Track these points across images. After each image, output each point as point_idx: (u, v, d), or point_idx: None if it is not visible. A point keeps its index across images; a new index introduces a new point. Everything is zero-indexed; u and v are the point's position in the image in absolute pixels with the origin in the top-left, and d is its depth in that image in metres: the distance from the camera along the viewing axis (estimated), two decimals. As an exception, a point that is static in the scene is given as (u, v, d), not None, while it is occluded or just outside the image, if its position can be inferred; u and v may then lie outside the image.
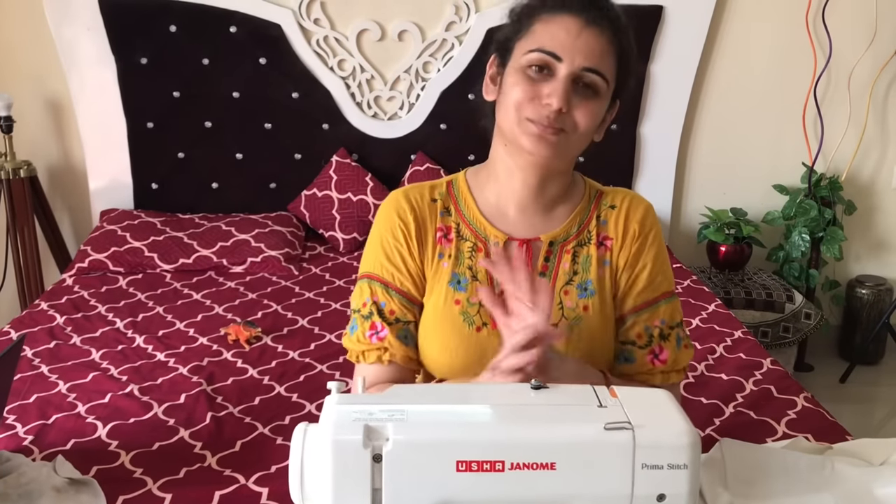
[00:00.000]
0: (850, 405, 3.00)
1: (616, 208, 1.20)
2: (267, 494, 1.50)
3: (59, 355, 2.08)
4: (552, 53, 1.07)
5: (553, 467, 0.72)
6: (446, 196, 1.21)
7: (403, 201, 1.19)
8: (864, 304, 3.27)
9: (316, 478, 0.72)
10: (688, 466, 0.73)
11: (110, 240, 2.73)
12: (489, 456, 0.71)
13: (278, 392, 1.93)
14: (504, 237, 1.17)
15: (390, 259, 1.18)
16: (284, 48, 2.94)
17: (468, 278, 1.16)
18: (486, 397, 0.85)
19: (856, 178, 3.29)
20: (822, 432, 1.72)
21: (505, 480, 0.71)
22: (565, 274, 1.17)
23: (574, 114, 1.08)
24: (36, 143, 3.02)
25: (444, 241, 1.18)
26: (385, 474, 0.71)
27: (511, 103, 1.09)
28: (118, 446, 1.67)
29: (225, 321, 2.29)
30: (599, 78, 1.08)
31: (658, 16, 2.96)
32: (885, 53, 3.08)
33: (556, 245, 1.18)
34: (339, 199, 2.95)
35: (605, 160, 3.04)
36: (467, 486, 0.71)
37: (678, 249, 3.18)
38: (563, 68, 1.07)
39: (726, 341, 2.20)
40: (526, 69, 1.09)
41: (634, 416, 0.74)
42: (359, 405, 0.74)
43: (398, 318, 1.17)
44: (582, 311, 1.15)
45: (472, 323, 1.15)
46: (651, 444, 0.72)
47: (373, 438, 0.71)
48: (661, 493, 0.73)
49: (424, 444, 0.72)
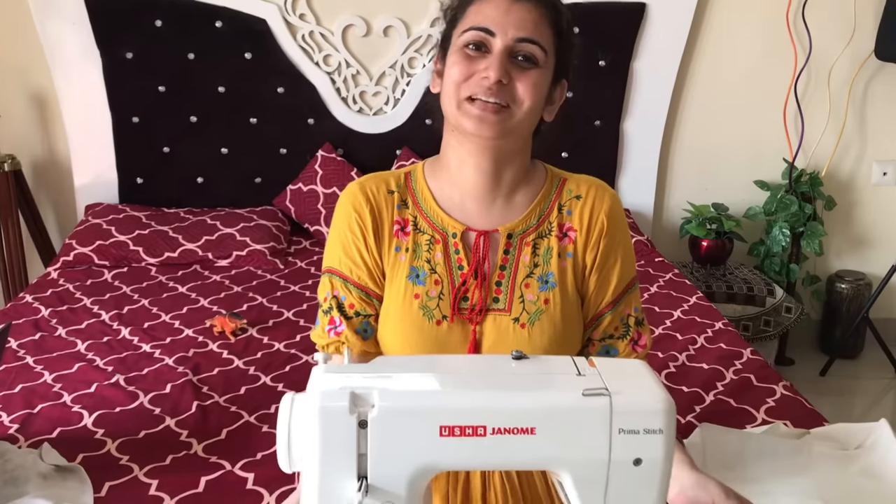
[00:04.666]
0: (830, 398, 3.04)
1: (581, 199, 1.19)
2: (253, 480, 1.52)
3: (44, 346, 2.09)
4: (485, 29, 1.08)
5: (533, 432, 0.73)
6: (404, 188, 1.20)
7: (360, 194, 1.18)
8: (844, 299, 3.31)
9: (303, 444, 0.74)
10: (663, 431, 0.74)
11: (95, 233, 2.73)
12: (471, 421, 0.72)
13: (264, 382, 1.94)
14: (462, 228, 1.17)
15: (347, 253, 1.18)
16: (270, 43, 2.95)
17: (427, 272, 1.15)
18: (469, 366, 0.87)
19: (836, 174, 3.34)
20: (800, 419, 1.75)
21: (486, 445, 0.73)
22: (525, 266, 1.16)
23: (516, 86, 1.08)
24: (20, 137, 3.02)
25: (400, 235, 1.17)
26: (370, 440, 0.73)
27: (451, 84, 1.10)
28: (104, 434, 1.68)
29: (210, 313, 2.30)
30: (535, 47, 1.09)
31: (641, 13, 2.99)
32: (863, 50, 3.12)
33: (514, 237, 1.17)
34: (324, 194, 2.96)
35: (588, 156, 3.09)
36: (450, 450, 0.73)
37: (660, 244, 3.22)
38: (498, 42, 1.08)
39: (707, 332, 2.23)
40: (463, 49, 1.10)
41: (611, 384, 0.76)
42: (345, 374, 0.76)
43: (357, 311, 1.18)
44: (543, 304, 1.15)
45: (431, 317, 1.14)
46: (627, 410, 0.74)
47: (358, 405, 0.73)
48: (638, 458, 0.75)
49: (408, 410, 0.73)
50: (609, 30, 2.97)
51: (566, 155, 3.05)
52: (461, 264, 1.16)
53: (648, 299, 2.47)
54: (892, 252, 3.27)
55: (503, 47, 1.08)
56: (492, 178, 1.16)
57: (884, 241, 3.41)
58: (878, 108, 3.27)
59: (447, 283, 1.15)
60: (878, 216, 3.41)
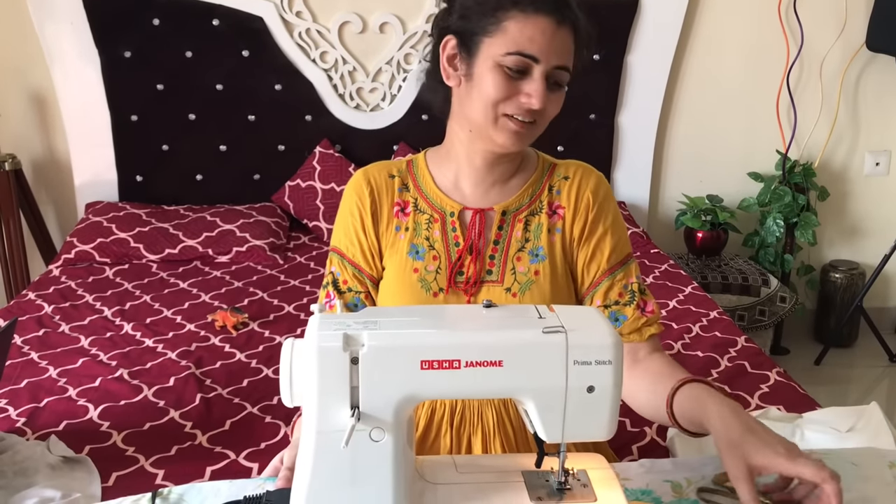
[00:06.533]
0: (825, 386, 3.08)
1: (569, 179, 1.26)
2: (257, 469, 1.55)
3: (48, 342, 2.11)
4: (532, 56, 1.12)
5: (501, 364, 0.84)
6: (405, 173, 1.28)
7: (362, 180, 1.27)
8: (838, 288, 3.35)
9: (303, 380, 0.84)
10: (612, 362, 0.85)
11: (96, 231, 2.75)
12: (448, 356, 0.84)
13: (266, 374, 1.97)
14: (459, 207, 1.25)
15: (346, 234, 1.27)
16: (267, 41, 2.97)
17: (426, 248, 1.24)
18: (445, 313, 1.01)
19: (828, 165, 3.37)
20: (793, 404, 1.79)
21: (461, 376, 0.84)
22: (517, 241, 1.24)
23: (546, 107, 1.15)
24: (20, 136, 3.04)
25: (400, 215, 1.26)
26: (361, 374, 0.83)
27: (487, 99, 1.14)
28: (110, 427, 1.71)
29: (212, 308, 2.33)
30: (567, 74, 1.16)
31: (634, 7, 3.02)
32: (854, 42, 3.15)
33: (508, 214, 1.25)
34: (322, 190, 2.99)
35: (583, 150, 3.11)
36: (430, 381, 0.84)
37: (656, 236, 3.25)
38: (539, 69, 1.13)
39: (702, 321, 2.27)
40: (503, 68, 1.13)
41: (567, 323, 0.86)
42: (338, 320, 0.86)
43: (350, 287, 1.26)
44: (533, 275, 1.22)
45: (429, 289, 1.22)
46: (581, 345, 0.85)
47: (350, 344, 0.83)
48: (591, 385, 0.86)
49: (394, 347, 0.84)
50: (603, 24, 2.96)
51: (562, 148, 3.08)
52: (458, 241, 1.24)
53: (644, 290, 2.50)
54: (884, 241, 3.30)
55: (543, 74, 1.13)
56: (495, 167, 1.24)
57: (876, 230, 3.44)
58: (869, 99, 3.30)
59: (444, 258, 1.23)
60: (871, 206, 3.44)
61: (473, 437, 1.23)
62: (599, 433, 0.89)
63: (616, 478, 0.94)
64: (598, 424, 0.88)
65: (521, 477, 0.93)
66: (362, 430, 0.83)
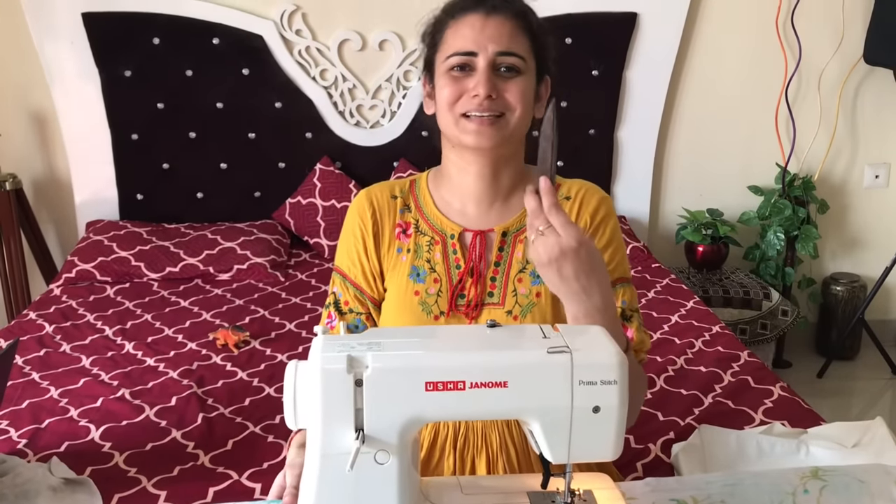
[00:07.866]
0: (828, 399, 3.07)
1: (571, 199, 1.26)
2: (260, 490, 1.54)
3: (49, 362, 2.11)
4: (466, 52, 1.16)
5: (506, 385, 0.84)
6: (407, 194, 1.30)
7: (365, 201, 1.28)
8: (840, 301, 3.34)
9: (307, 402, 0.83)
10: (617, 382, 0.85)
11: (97, 250, 2.75)
12: (452, 377, 0.83)
13: (268, 393, 1.96)
14: (459, 229, 1.25)
15: (349, 255, 1.27)
16: (267, 59, 2.98)
17: (427, 270, 1.24)
18: (449, 333, 1.00)
19: (828, 178, 3.37)
20: (798, 419, 1.78)
21: (466, 397, 0.83)
22: (518, 262, 1.24)
23: (505, 96, 1.17)
24: (21, 155, 3.05)
25: (402, 237, 1.26)
26: (365, 396, 0.83)
27: (444, 105, 1.19)
28: (111, 447, 1.70)
29: (213, 327, 2.33)
30: (515, 57, 1.17)
31: (632, 22, 3.03)
32: (852, 56, 3.16)
33: (509, 235, 1.25)
34: (323, 207, 2.99)
35: (583, 164, 3.12)
36: (434, 403, 0.84)
37: (657, 250, 3.25)
38: (480, 60, 1.16)
39: (705, 336, 2.26)
40: (449, 73, 1.18)
41: (572, 343, 0.86)
42: (342, 341, 0.86)
43: (351, 308, 1.27)
44: (535, 297, 1.22)
45: (430, 312, 1.22)
46: (586, 365, 0.85)
47: (355, 366, 0.83)
48: (596, 405, 0.85)
49: (398, 369, 0.83)
50: (601, 39, 3.01)
51: (561, 163, 3.08)
52: (458, 263, 1.24)
53: (646, 305, 2.50)
54: (885, 254, 3.30)
55: (486, 64, 1.16)
56: (491, 182, 1.24)
57: (877, 243, 3.44)
58: (867, 111, 3.31)
59: (445, 281, 1.23)
60: (871, 219, 3.44)
61: (477, 458, 1.22)
62: (605, 453, 0.88)
63: (622, 497, 0.94)
64: (604, 445, 0.87)
65: (527, 498, 0.93)
66: (367, 452, 0.83)
